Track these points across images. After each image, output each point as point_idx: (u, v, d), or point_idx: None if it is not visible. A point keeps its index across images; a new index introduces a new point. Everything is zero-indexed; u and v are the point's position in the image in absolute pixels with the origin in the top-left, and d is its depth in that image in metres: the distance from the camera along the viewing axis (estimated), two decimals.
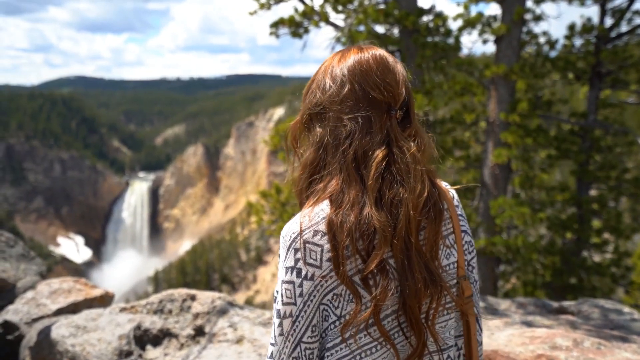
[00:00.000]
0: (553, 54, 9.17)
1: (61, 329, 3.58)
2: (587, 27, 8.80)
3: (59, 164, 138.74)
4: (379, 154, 1.18)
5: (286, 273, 1.20)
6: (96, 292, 4.40)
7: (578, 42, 9.07)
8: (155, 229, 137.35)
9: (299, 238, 1.19)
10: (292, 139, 1.34)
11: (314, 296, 1.19)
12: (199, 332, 3.51)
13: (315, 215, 1.20)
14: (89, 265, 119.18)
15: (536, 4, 8.88)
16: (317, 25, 8.19)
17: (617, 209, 8.99)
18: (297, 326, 1.21)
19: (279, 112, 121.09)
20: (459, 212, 1.33)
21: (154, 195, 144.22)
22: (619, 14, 8.66)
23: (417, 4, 8.43)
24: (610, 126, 8.96)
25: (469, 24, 8.87)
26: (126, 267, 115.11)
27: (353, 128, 1.20)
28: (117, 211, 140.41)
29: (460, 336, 1.35)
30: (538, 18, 8.95)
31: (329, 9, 8.40)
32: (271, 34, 9.16)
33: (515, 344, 2.65)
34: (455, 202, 1.34)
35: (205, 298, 3.73)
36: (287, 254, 1.21)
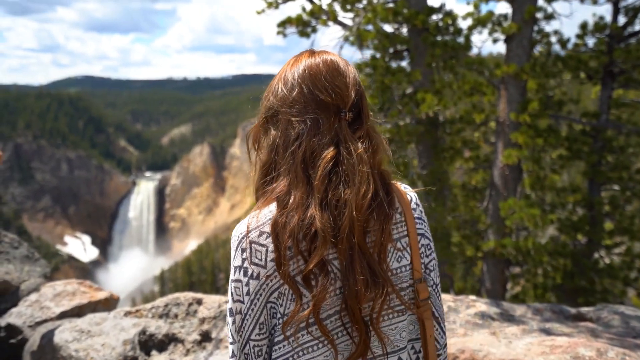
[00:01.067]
0: (564, 53, 9.03)
1: (64, 334, 3.50)
2: (600, 26, 8.66)
3: (66, 163, 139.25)
4: (327, 154, 1.20)
5: (234, 272, 1.25)
6: (101, 295, 4.32)
7: (590, 41, 8.93)
8: (162, 229, 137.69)
9: (245, 238, 1.24)
10: (253, 142, 1.37)
11: (260, 295, 1.23)
12: (206, 337, 3.42)
13: (263, 216, 1.24)
14: (96, 264, 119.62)
15: (547, 3, 8.74)
16: (325, 24, 8.09)
17: (630, 210, 8.82)
18: (245, 323, 1.25)
19: None
20: (416, 215, 1.35)
21: (160, 194, 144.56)
22: (633, 12, 8.51)
23: (426, 3, 8.32)
24: (622, 126, 8.81)
25: (479, 22, 8.74)
26: (132, 267, 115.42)
27: (302, 130, 1.23)
28: (123, 211, 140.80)
29: (417, 339, 1.37)
30: (549, 17, 8.82)
31: (337, 7, 8.29)
32: (279, 33, 9.07)
33: (534, 353, 2.54)
34: (413, 205, 1.35)
35: (212, 302, 3.64)
36: (235, 254, 1.25)
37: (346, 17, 8.48)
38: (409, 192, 1.37)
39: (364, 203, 1.19)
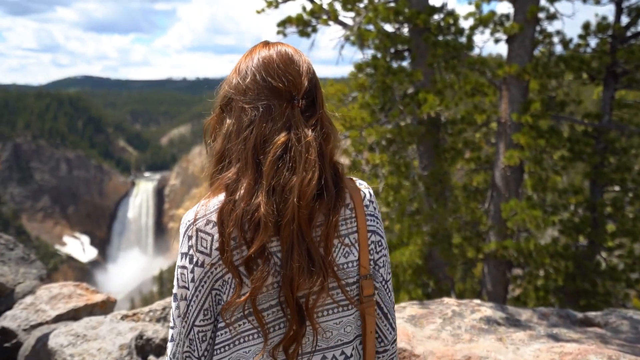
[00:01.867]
0: (566, 53, 8.95)
1: (60, 338, 3.42)
2: (603, 26, 8.58)
3: (65, 163, 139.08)
4: (278, 140, 1.21)
5: (180, 259, 1.27)
6: (97, 298, 4.24)
7: (593, 41, 8.86)
8: (161, 229, 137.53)
9: (192, 226, 1.26)
10: (210, 133, 1.38)
11: (205, 282, 1.25)
12: None
13: (212, 205, 1.26)
14: (95, 264, 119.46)
15: (550, 2, 8.67)
16: (326, 23, 8.01)
17: (633, 212, 8.75)
18: (190, 309, 1.27)
19: None
20: (368, 212, 1.35)
21: (160, 195, 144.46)
22: (635, 12, 8.44)
23: (428, 2, 8.25)
24: (625, 127, 8.73)
25: (481, 22, 8.67)
26: (131, 267, 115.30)
27: (254, 116, 1.25)
28: (122, 211, 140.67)
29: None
30: (552, 17, 8.74)
31: (338, 7, 8.22)
32: (278, 32, 8.99)
33: None
34: (366, 202, 1.35)
35: None
36: (182, 241, 1.27)
37: (347, 17, 8.41)
38: (364, 189, 1.37)
39: (308, 190, 1.19)
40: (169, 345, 1.33)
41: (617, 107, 8.88)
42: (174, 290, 1.31)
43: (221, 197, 1.25)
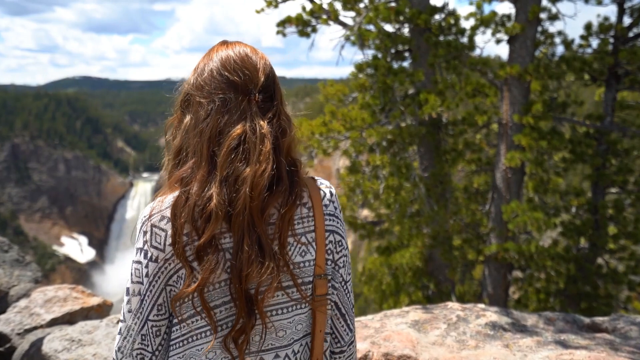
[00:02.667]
0: (568, 54, 8.88)
1: (54, 343, 3.33)
2: (605, 27, 8.52)
3: (63, 163, 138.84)
4: (233, 132, 1.22)
5: (136, 254, 1.28)
6: (93, 301, 4.15)
7: (595, 42, 8.80)
8: None
9: (147, 222, 1.27)
10: (172, 131, 1.38)
11: (159, 277, 1.25)
12: None
13: (167, 200, 1.27)
14: (93, 265, 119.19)
15: (552, 3, 8.61)
16: (326, 22, 7.93)
17: (635, 214, 8.67)
18: (144, 304, 1.27)
19: None
20: (328, 211, 1.35)
21: None
22: (638, 13, 8.38)
23: (429, 2, 8.17)
24: (627, 129, 8.67)
25: (482, 23, 8.60)
26: (129, 268, 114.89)
27: (210, 109, 1.26)
28: (120, 212, 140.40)
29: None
30: (554, 17, 8.68)
31: (338, 6, 8.14)
32: (278, 32, 8.92)
33: None
34: (326, 202, 1.36)
35: None
36: (138, 236, 1.28)
37: (347, 16, 8.33)
38: (324, 188, 1.38)
39: (261, 181, 1.19)
40: (117, 338, 1.33)
41: (619, 109, 8.82)
42: (127, 285, 1.31)
43: (177, 192, 1.25)
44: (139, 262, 1.28)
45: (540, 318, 3.40)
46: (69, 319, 3.94)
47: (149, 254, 1.26)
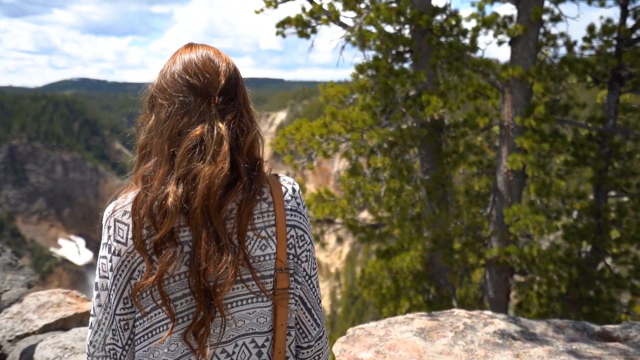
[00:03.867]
0: (569, 55, 8.79)
1: (46, 350, 3.21)
2: (608, 29, 8.43)
3: (60, 165, 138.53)
4: (192, 133, 1.27)
5: (101, 249, 1.33)
6: (88, 306, 4.03)
7: (597, 44, 8.70)
8: None
9: (111, 217, 1.33)
10: (137, 130, 1.44)
11: (122, 271, 1.29)
12: None
13: (130, 196, 1.32)
14: (90, 267, 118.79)
15: (554, 4, 8.51)
16: (326, 23, 7.83)
17: (638, 217, 8.58)
18: (111, 299, 1.31)
19: (281, 116, 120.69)
20: (289, 207, 1.38)
21: None
22: None
23: (430, 3, 8.08)
24: (630, 131, 8.58)
25: (484, 24, 8.50)
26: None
27: (170, 110, 1.31)
28: None
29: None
30: (556, 19, 8.59)
31: (339, 7, 8.04)
32: (278, 33, 8.82)
33: None
34: (288, 197, 1.39)
35: None
36: (102, 231, 1.33)
37: (347, 17, 8.23)
38: (287, 184, 1.41)
39: (217, 180, 1.24)
40: (88, 332, 1.36)
41: (622, 111, 8.73)
42: (95, 280, 1.35)
43: (139, 189, 1.30)
44: (104, 257, 1.32)
45: (549, 326, 3.29)
46: (63, 324, 3.82)
47: (113, 248, 1.31)
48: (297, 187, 1.43)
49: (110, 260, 1.31)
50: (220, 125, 1.29)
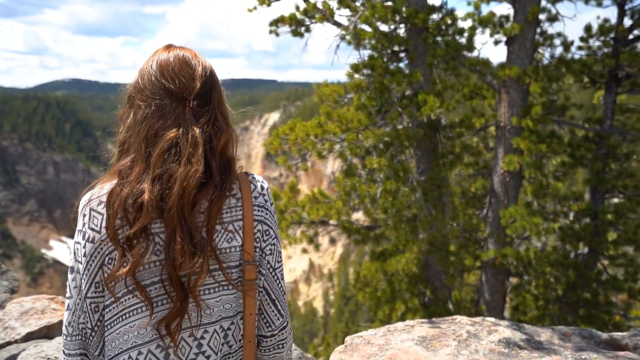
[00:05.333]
0: (563, 55, 8.70)
1: None
2: (605, 28, 8.35)
3: (52, 166, 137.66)
4: (167, 135, 1.35)
5: (77, 235, 1.41)
6: None
7: (595, 44, 8.62)
8: None
9: (87, 206, 1.40)
10: (116, 126, 1.50)
11: (95, 257, 1.36)
12: None
13: (106, 187, 1.39)
14: None
15: (551, 3, 8.42)
16: (321, 21, 7.70)
17: (635, 219, 8.49)
18: (83, 282, 1.39)
19: (274, 116, 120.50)
20: (257, 203, 1.46)
21: None
22: (639, 14, 8.22)
23: (426, 1, 7.96)
24: (627, 132, 8.49)
25: (480, 23, 8.40)
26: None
27: (147, 113, 1.38)
28: None
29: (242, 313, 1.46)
30: (553, 18, 8.49)
31: (333, 4, 7.90)
32: (271, 32, 8.68)
33: None
34: (256, 194, 1.47)
35: None
36: (79, 219, 1.40)
37: (342, 15, 8.10)
38: (256, 182, 1.50)
39: (191, 181, 1.31)
40: (65, 314, 1.44)
41: (619, 112, 8.64)
42: (71, 264, 1.43)
43: (115, 181, 1.37)
44: (79, 243, 1.40)
45: (554, 333, 3.17)
46: (47, 332, 3.66)
47: (87, 235, 1.38)
48: (265, 185, 1.52)
49: (84, 247, 1.38)
50: (195, 129, 1.37)
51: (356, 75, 7.49)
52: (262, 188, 1.50)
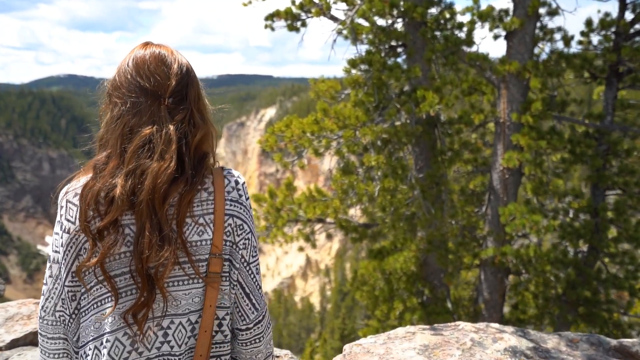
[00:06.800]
0: (568, 51, 8.57)
1: None
2: (606, 23, 8.21)
3: (47, 162, 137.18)
4: (142, 132, 1.39)
5: (55, 225, 1.47)
6: None
7: (595, 38, 8.49)
8: None
9: (64, 198, 1.46)
10: (100, 120, 1.55)
11: (72, 247, 1.42)
12: None
13: (82, 180, 1.45)
14: None
15: None
16: (317, 15, 7.54)
17: (636, 217, 8.38)
18: (60, 271, 1.45)
19: (270, 112, 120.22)
20: (230, 197, 1.48)
21: None
22: None
23: None
24: (628, 128, 8.37)
25: (480, 17, 8.25)
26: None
27: (122, 110, 1.43)
28: None
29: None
30: (553, 12, 8.35)
31: None
32: (266, 27, 8.52)
33: None
34: (229, 188, 1.49)
35: None
36: (58, 210, 1.46)
37: (339, 9, 7.94)
38: (230, 177, 1.51)
39: (163, 177, 1.35)
40: (41, 298, 1.50)
41: (620, 108, 8.52)
42: (49, 253, 1.48)
43: (90, 175, 1.43)
44: (57, 233, 1.46)
45: (561, 339, 3.04)
46: (33, 339, 3.51)
47: (64, 226, 1.44)
48: (241, 180, 1.53)
49: (62, 237, 1.43)
50: (170, 126, 1.40)
51: (353, 71, 7.35)
52: (237, 183, 1.51)
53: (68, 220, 1.43)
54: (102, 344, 1.41)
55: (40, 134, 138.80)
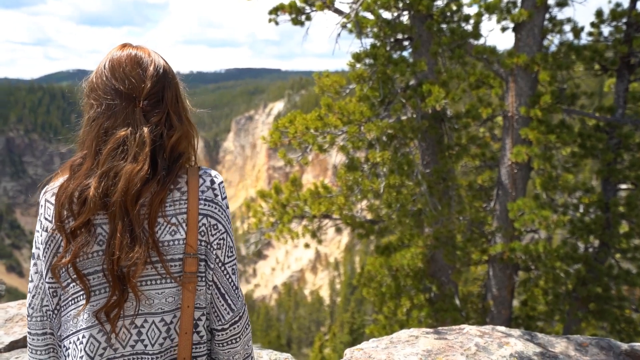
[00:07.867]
0: (578, 42, 8.40)
1: None
2: (617, 13, 8.03)
3: (58, 157, 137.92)
4: (116, 134, 1.41)
5: (37, 223, 1.52)
6: None
7: (606, 30, 8.31)
8: None
9: (43, 197, 1.51)
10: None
11: (50, 245, 1.46)
12: None
13: (60, 180, 1.48)
14: None
15: None
16: (321, 9, 7.42)
17: None
18: (41, 267, 1.49)
19: (278, 106, 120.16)
20: (204, 197, 1.48)
21: None
22: None
23: None
24: None
25: (487, 9, 8.09)
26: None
27: (98, 112, 1.46)
28: None
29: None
30: (563, 3, 8.17)
31: None
32: (270, 21, 8.41)
33: None
34: (204, 188, 1.49)
35: None
36: (39, 209, 1.51)
37: (343, 3, 7.82)
38: (206, 177, 1.51)
39: (136, 178, 1.37)
40: (28, 296, 1.53)
41: (632, 100, 8.34)
42: (33, 250, 1.51)
43: (67, 175, 1.45)
44: (38, 231, 1.49)
45: (569, 343, 2.94)
46: None
47: (43, 225, 1.47)
48: (217, 180, 1.52)
49: (41, 235, 1.46)
50: (144, 128, 1.41)
51: (358, 65, 7.23)
52: (213, 182, 1.51)
53: (46, 219, 1.45)
54: (79, 339, 1.43)
55: (50, 128, 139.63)
